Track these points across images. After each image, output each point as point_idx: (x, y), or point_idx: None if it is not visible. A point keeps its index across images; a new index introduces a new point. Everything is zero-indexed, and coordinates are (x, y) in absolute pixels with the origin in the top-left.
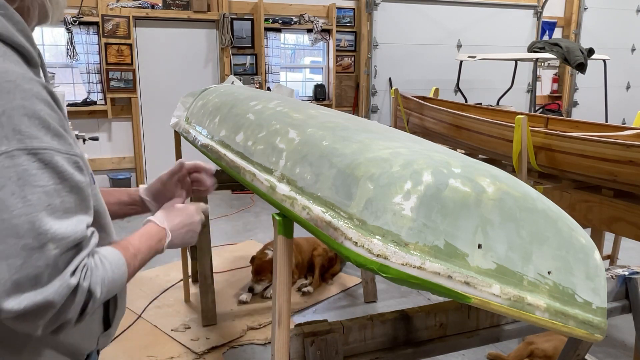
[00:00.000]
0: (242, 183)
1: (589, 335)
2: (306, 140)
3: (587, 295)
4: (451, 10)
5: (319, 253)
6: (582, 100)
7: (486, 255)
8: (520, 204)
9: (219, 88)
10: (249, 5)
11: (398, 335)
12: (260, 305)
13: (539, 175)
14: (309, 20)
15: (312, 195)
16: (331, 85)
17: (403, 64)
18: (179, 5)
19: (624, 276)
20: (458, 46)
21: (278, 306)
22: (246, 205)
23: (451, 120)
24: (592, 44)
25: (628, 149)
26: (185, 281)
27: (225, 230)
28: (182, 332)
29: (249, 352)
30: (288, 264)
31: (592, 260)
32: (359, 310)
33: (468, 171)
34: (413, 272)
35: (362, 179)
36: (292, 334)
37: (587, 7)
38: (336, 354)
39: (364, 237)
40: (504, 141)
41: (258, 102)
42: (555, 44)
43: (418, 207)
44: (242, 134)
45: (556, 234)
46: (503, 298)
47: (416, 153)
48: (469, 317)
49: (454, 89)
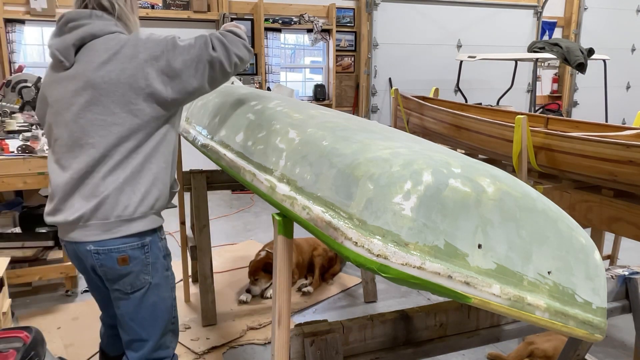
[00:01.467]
0: (242, 183)
1: (589, 335)
2: (306, 140)
3: (587, 295)
4: (451, 10)
5: (319, 253)
6: (582, 100)
7: (486, 255)
8: (520, 204)
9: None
10: (249, 5)
11: (398, 335)
12: (260, 305)
13: (539, 175)
14: (309, 20)
15: (312, 195)
16: (331, 85)
17: (403, 64)
18: (179, 5)
19: (624, 276)
20: (458, 46)
21: (278, 306)
22: (246, 205)
23: (451, 120)
24: (592, 44)
25: (628, 149)
26: (185, 281)
27: (225, 230)
28: (182, 332)
29: (249, 352)
30: (288, 264)
31: (592, 260)
32: (359, 310)
33: (468, 171)
34: (413, 272)
35: (362, 179)
36: (292, 334)
37: (587, 7)
38: (336, 354)
39: (364, 237)
40: (504, 141)
41: (258, 102)
42: (555, 44)
43: (418, 207)
44: (242, 134)
45: (556, 234)
46: (503, 298)
47: (416, 153)
48: (469, 317)
49: (454, 89)
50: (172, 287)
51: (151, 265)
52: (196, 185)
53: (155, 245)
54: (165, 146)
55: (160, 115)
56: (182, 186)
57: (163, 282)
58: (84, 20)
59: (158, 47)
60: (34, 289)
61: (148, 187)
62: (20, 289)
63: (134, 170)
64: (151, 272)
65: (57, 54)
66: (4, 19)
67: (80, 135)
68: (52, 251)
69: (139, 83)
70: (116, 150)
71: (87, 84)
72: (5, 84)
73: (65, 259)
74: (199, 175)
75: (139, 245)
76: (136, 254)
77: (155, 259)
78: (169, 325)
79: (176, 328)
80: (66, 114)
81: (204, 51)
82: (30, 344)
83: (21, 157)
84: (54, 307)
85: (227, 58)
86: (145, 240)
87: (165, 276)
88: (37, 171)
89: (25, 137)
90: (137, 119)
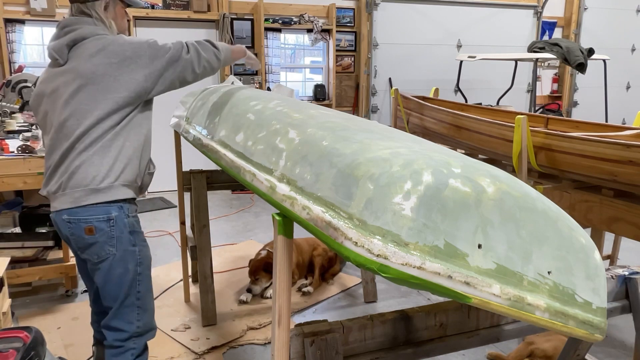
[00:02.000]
0: (242, 183)
1: (589, 335)
2: (306, 140)
3: (587, 295)
4: (451, 10)
5: (319, 253)
6: (582, 100)
7: (486, 255)
8: (520, 204)
9: (219, 88)
10: (249, 5)
11: (398, 335)
12: (260, 305)
13: (539, 175)
14: (309, 20)
15: (312, 195)
16: (331, 85)
17: (403, 64)
18: (179, 5)
19: (624, 276)
20: (458, 46)
21: (278, 306)
22: (246, 205)
23: (451, 120)
24: (592, 44)
25: (628, 149)
26: (185, 281)
27: (225, 230)
28: (182, 332)
29: (249, 352)
30: (288, 264)
31: (592, 260)
32: (359, 310)
33: (468, 171)
34: (413, 272)
35: (362, 179)
36: (292, 334)
37: (587, 7)
38: (336, 354)
39: (364, 237)
40: (504, 141)
41: (258, 102)
42: (555, 44)
43: (418, 207)
44: (242, 134)
45: (556, 234)
46: (503, 298)
47: (416, 153)
48: (469, 317)
49: (454, 89)
50: (139, 263)
51: (116, 239)
52: (196, 185)
53: (120, 221)
54: (137, 129)
55: (136, 103)
56: (182, 186)
57: (128, 256)
58: (75, 25)
59: (141, 47)
60: (34, 289)
61: (114, 160)
62: (20, 289)
63: (103, 145)
64: (116, 244)
65: (53, 53)
66: (4, 19)
67: (68, 118)
68: (52, 251)
69: (123, 76)
70: (93, 130)
71: (76, 75)
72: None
73: (65, 259)
74: (199, 175)
75: (105, 218)
76: (102, 225)
77: (120, 233)
78: (133, 300)
79: (145, 306)
80: (59, 101)
81: (179, 52)
82: (30, 344)
83: (21, 157)
84: (54, 307)
85: (198, 62)
86: (111, 214)
87: (131, 251)
88: (37, 171)
89: (25, 137)
90: (115, 105)
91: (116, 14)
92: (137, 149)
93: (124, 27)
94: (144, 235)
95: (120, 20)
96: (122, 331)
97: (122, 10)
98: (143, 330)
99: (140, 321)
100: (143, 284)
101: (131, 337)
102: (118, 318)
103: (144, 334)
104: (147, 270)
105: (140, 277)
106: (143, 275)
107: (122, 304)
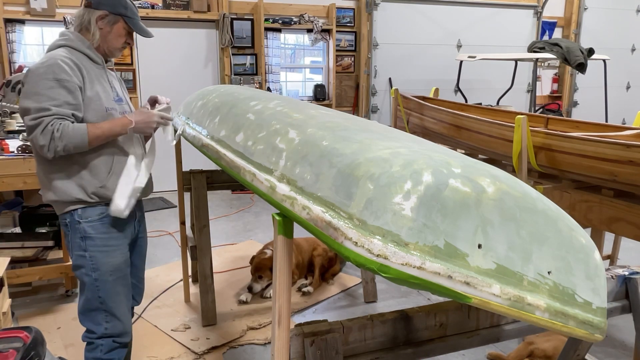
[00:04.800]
0: (242, 183)
1: (589, 335)
2: (306, 140)
3: (587, 295)
4: (451, 10)
5: (319, 253)
6: (582, 100)
7: (486, 255)
8: (520, 204)
9: (219, 88)
10: (249, 5)
11: (398, 335)
12: (260, 305)
13: (539, 175)
14: (309, 20)
15: (312, 195)
16: (331, 85)
17: (403, 64)
18: (179, 5)
19: (624, 276)
20: (458, 46)
21: (278, 306)
22: (246, 205)
23: (451, 120)
24: (592, 44)
25: (628, 149)
26: (185, 281)
27: (225, 230)
28: (182, 332)
29: (249, 352)
30: (288, 264)
31: (592, 260)
32: (359, 310)
33: (468, 171)
34: (413, 272)
35: (362, 179)
36: (292, 334)
37: (587, 7)
38: (336, 354)
39: (364, 237)
40: (504, 141)
41: (258, 102)
42: (555, 44)
43: (418, 207)
44: (242, 134)
45: (556, 234)
46: (503, 298)
47: (416, 153)
48: (469, 317)
49: (454, 89)
50: (94, 269)
51: (70, 244)
52: (196, 185)
53: (73, 227)
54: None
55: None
56: (182, 186)
57: (80, 261)
58: (61, 36)
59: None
60: (34, 289)
61: (58, 161)
62: (20, 289)
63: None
64: (71, 249)
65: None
66: (4, 19)
67: None
68: (52, 251)
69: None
70: None
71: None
72: (5, 84)
73: (65, 259)
74: (199, 175)
75: (64, 223)
76: (65, 230)
77: (73, 238)
78: (97, 304)
79: (113, 311)
80: None
81: (34, 130)
82: (30, 344)
83: (21, 157)
84: (54, 307)
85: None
86: (66, 220)
87: (82, 256)
88: None
89: (25, 137)
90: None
91: (111, 29)
92: (82, 154)
93: (113, 46)
94: (108, 241)
95: (112, 38)
96: (91, 331)
97: (120, 30)
98: (112, 333)
99: (109, 323)
100: (103, 290)
101: (100, 337)
102: (87, 320)
103: (115, 337)
104: (106, 276)
105: (98, 282)
106: (101, 282)
107: (86, 307)
